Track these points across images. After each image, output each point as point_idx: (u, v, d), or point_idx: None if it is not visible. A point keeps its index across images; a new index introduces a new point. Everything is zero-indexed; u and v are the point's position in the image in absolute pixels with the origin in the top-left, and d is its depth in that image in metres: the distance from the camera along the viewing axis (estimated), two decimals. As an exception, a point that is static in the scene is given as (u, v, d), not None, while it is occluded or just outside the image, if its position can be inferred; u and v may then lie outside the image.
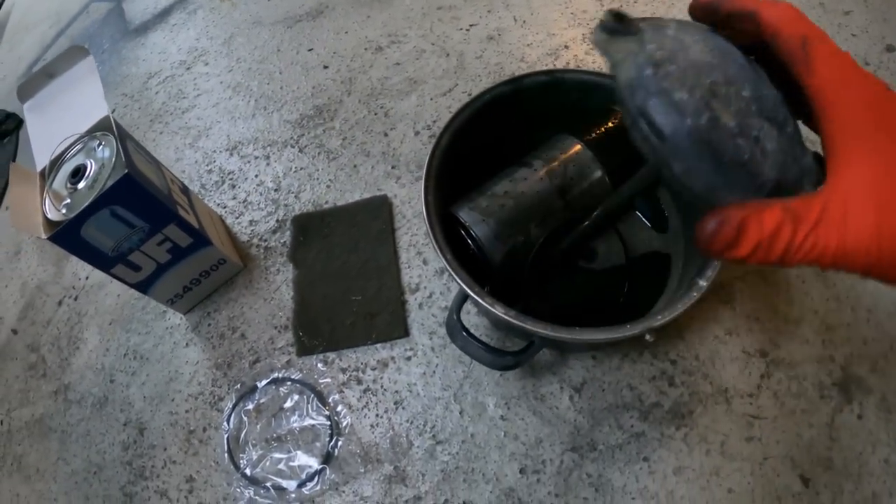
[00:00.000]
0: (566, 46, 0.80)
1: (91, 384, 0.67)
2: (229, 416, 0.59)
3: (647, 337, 0.43)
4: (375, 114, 0.75)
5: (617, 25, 0.28)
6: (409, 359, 0.58)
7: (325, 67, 0.83)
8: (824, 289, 0.56)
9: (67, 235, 0.50)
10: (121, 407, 0.64)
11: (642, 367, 0.54)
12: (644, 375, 0.54)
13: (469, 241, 0.51)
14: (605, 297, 0.56)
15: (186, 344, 0.65)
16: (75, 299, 0.75)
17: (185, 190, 0.64)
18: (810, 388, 0.52)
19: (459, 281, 0.46)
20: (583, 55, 0.79)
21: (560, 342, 0.51)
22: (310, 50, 0.86)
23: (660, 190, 0.60)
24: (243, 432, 0.58)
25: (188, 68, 0.91)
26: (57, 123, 0.57)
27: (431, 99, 0.75)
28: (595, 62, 0.78)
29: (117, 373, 0.66)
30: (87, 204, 0.49)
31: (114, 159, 0.51)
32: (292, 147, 0.76)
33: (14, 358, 0.74)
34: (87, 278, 0.76)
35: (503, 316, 0.43)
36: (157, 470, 0.59)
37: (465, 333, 0.49)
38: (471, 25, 0.83)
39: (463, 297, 0.51)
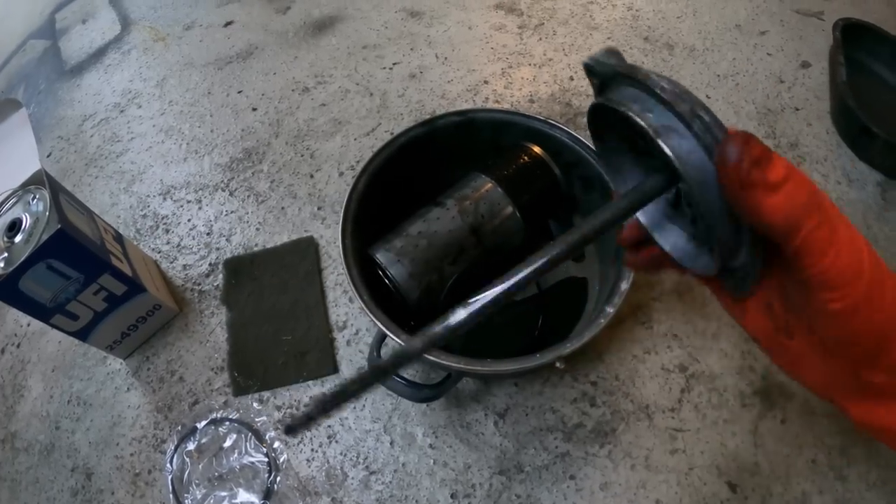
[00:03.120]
0: (486, 81, 0.84)
1: (37, 431, 0.68)
2: (172, 457, 0.61)
3: (558, 364, 0.46)
4: (302, 155, 0.78)
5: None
6: None
7: (254, 109, 0.85)
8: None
9: (6, 289, 0.53)
10: (67, 453, 0.65)
11: (563, 391, 0.57)
12: (566, 398, 0.57)
13: (387, 282, 0.55)
14: (522, 329, 0.60)
15: (128, 389, 0.67)
16: (18, 346, 0.76)
17: (118, 238, 0.66)
18: (732, 399, 0.56)
19: (375, 320, 0.49)
20: (501, 89, 0.84)
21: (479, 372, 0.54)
22: (239, 92, 0.88)
23: (576, 218, 0.63)
24: (186, 472, 0.60)
25: (122, 111, 0.93)
26: None
27: (355, 139, 0.78)
28: (513, 96, 0.83)
29: (62, 419, 0.67)
30: (23, 258, 0.52)
31: (47, 213, 0.54)
32: (223, 190, 0.78)
33: None
34: (28, 325, 0.77)
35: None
36: None
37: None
38: (394, 64, 0.87)
39: (381, 335, 0.55)
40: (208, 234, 0.75)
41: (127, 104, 0.93)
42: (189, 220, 0.77)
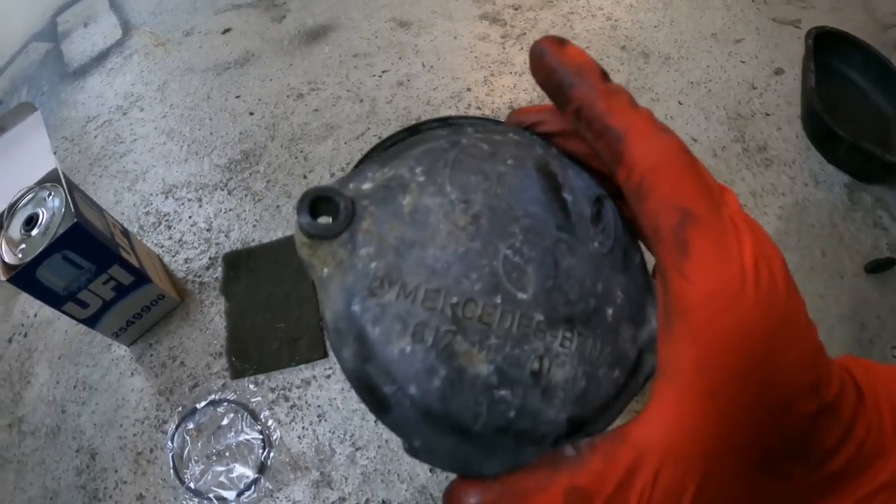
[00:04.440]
0: (468, 89, 0.89)
1: (44, 415, 0.71)
2: (173, 436, 0.66)
3: None
4: (296, 158, 0.83)
5: (312, 225, 0.20)
6: (328, 377, 0.66)
7: (251, 114, 0.90)
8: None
9: (24, 277, 0.57)
10: (73, 435, 0.68)
11: None
12: None
13: None
14: None
15: (131, 373, 0.71)
16: (25, 336, 0.79)
17: (125, 233, 0.71)
18: None
19: None
20: (483, 96, 0.89)
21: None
22: (237, 97, 0.93)
23: None
24: (186, 450, 0.65)
25: (125, 113, 0.97)
26: (8, 174, 0.64)
27: (346, 143, 0.83)
28: (493, 103, 0.88)
29: (68, 403, 0.71)
30: (41, 249, 0.56)
31: (63, 209, 0.59)
32: (222, 190, 0.82)
33: None
34: (35, 316, 0.80)
35: None
36: (110, 491, 0.63)
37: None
38: (383, 72, 0.92)
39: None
40: (208, 230, 0.79)
41: (129, 107, 0.98)
42: (190, 217, 0.81)
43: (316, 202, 0.20)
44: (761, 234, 0.19)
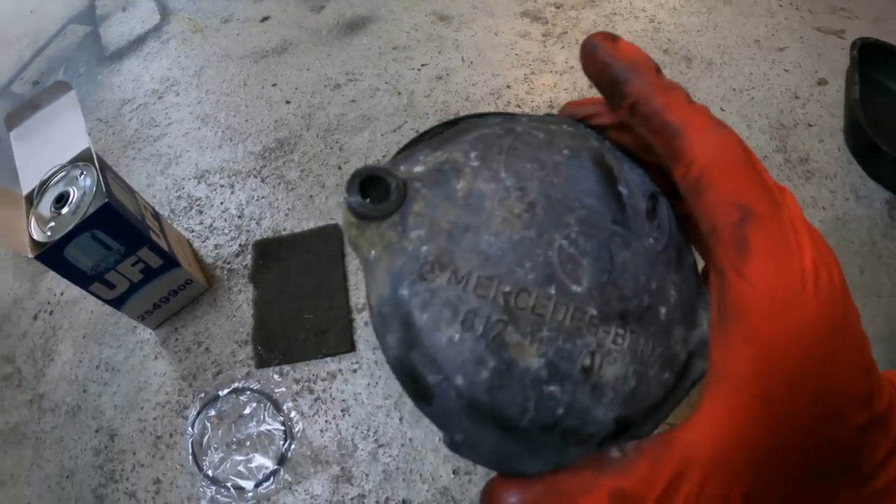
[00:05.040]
0: (508, 86, 0.88)
1: (65, 394, 0.70)
2: (193, 422, 0.65)
3: None
4: (331, 148, 0.82)
5: (362, 205, 0.19)
6: (354, 371, 0.64)
7: (288, 102, 0.89)
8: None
9: (52, 255, 0.56)
10: (93, 415, 0.68)
11: None
12: None
13: None
14: None
15: (155, 357, 0.70)
16: (50, 314, 0.79)
17: (156, 215, 0.71)
18: None
19: None
20: (523, 94, 0.87)
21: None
22: (273, 85, 0.92)
23: None
24: (206, 437, 0.64)
25: (160, 97, 0.97)
26: (41, 152, 0.63)
27: (382, 135, 0.82)
28: (533, 101, 0.87)
29: (90, 383, 0.70)
30: (70, 228, 0.56)
31: (94, 188, 0.58)
32: (255, 177, 0.82)
33: None
34: (61, 294, 0.80)
35: None
36: (127, 473, 0.62)
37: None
38: (422, 65, 0.90)
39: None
40: (239, 216, 0.78)
41: (165, 91, 0.98)
42: (222, 203, 0.80)
43: (366, 182, 0.19)
44: (819, 237, 0.18)
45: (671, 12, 0.97)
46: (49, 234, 0.57)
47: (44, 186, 0.61)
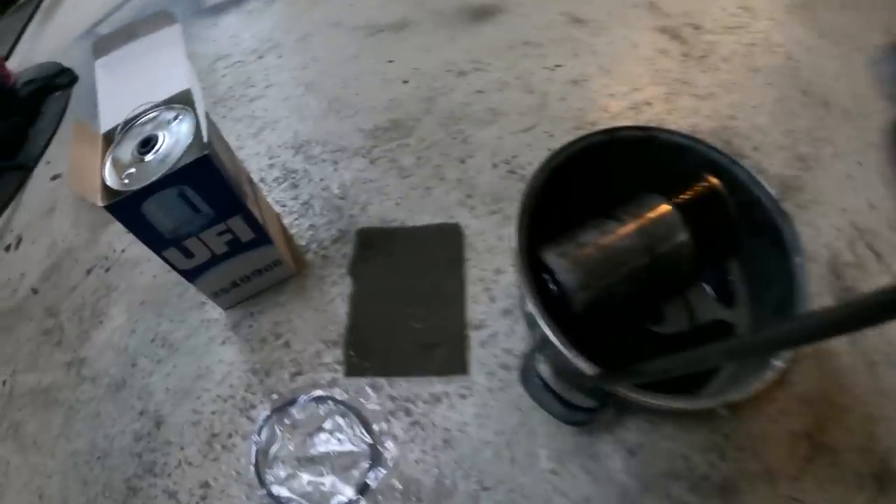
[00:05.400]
0: (648, 103, 0.79)
1: (110, 363, 0.64)
2: (262, 426, 0.56)
3: (722, 412, 0.44)
4: (454, 138, 0.74)
5: None
6: (464, 397, 0.55)
7: (405, 82, 0.81)
8: (872, 381, 0.54)
9: (127, 208, 0.47)
10: (139, 394, 0.61)
11: (696, 438, 0.52)
12: (697, 446, 0.52)
13: (552, 287, 0.50)
14: None
15: (223, 342, 0.62)
16: (107, 271, 0.72)
17: (251, 183, 0.62)
18: (849, 477, 0.51)
19: (547, 329, 0.44)
20: (664, 114, 0.78)
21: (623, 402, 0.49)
22: (389, 62, 0.84)
23: (730, 261, 0.58)
24: (274, 447, 0.55)
25: (260, 57, 0.90)
26: (130, 87, 0.54)
27: (511, 133, 0.73)
28: (676, 123, 0.77)
29: (141, 357, 0.63)
30: (155, 178, 0.46)
31: (191, 137, 0.49)
32: (363, 157, 0.74)
33: (30, 319, 0.71)
34: (122, 251, 0.73)
35: (591, 374, 0.42)
36: (170, 468, 0.55)
37: (539, 381, 0.47)
38: (556, 66, 0.82)
39: (541, 344, 0.49)
40: (342, 198, 0.70)
41: (266, 52, 0.91)
42: (322, 180, 0.72)
43: None
44: None
45: (807, 52, 0.90)
46: (127, 181, 0.47)
47: (128, 126, 0.52)
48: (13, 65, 1.08)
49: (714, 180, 0.54)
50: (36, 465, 0.59)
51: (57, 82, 1.01)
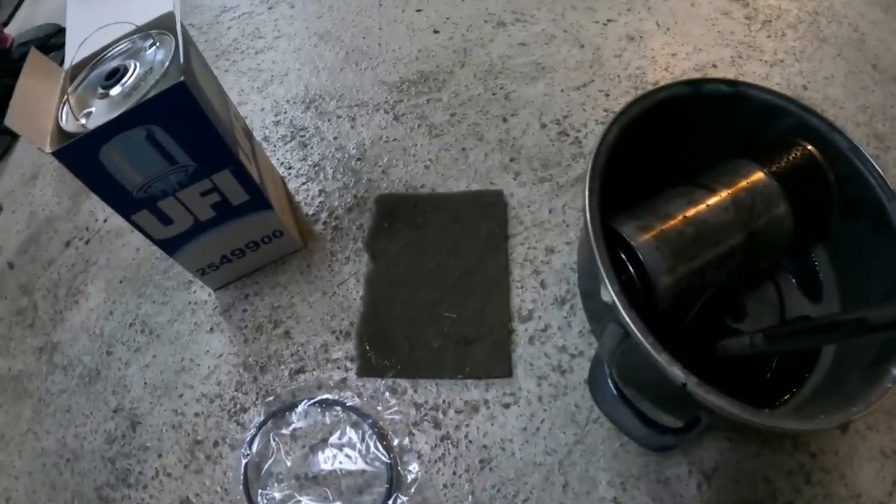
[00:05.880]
0: (714, 66, 0.71)
1: (83, 350, 0.57)
2: (254, 435, 0.46)
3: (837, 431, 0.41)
4: (493, 94, 0.64)
5: None
6: (507, 406, 0.46)
7: (436, 32, 0.72)
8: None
9: (80, 154, 0.37)
10: (113, 388, 0.53)
11: (781, 458, 0.45)
12: (781, 467, 0.44)
13: (629, 269, 0.40)
14: (751, 368, 0.46)
15: (211, 328, 0.54)
16: (86, 243, 0.65)
17: (248, 134, 0.51)
18: None
19: (630, 324, 0.33)
20: (731, 78, 0.69)
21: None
22: (418, 10, 0.75)
23: (816, 249, 0.49)
24: (269, 461, 0.46)
25: (270, 7, 0.82)
26: (105, 13, 0.45)
27: (562, 90, 0.64)
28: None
29: (117, 344, 0.56)
30: (116, 114, 0.36)
31: (167, 64, 0.38)
32: (386, 113, 0.65)
33: (3, 297, 0.65)
34: (104, 221, 0.66)
35: (689, 386, 0.32)
36: (146, 479, 0.48)
37: (617, 394, 0.36)
38: (608, 20, 0.73)
39: (617, 346, 0.38)
40: (359, 159, 0.61)
41: (277, 1, 0.82)
42: (336, 139, 0.63)
43: None
44: None
45: (872, 25, 0.84)
46: (83, 122, 0.37)
47: (98, 58, 0.42)
48: (12, 29, 1.02)
49: (812, 148, 0.46)
50: (2, 464, 0.53)
51: (52, 42, 0.94)
